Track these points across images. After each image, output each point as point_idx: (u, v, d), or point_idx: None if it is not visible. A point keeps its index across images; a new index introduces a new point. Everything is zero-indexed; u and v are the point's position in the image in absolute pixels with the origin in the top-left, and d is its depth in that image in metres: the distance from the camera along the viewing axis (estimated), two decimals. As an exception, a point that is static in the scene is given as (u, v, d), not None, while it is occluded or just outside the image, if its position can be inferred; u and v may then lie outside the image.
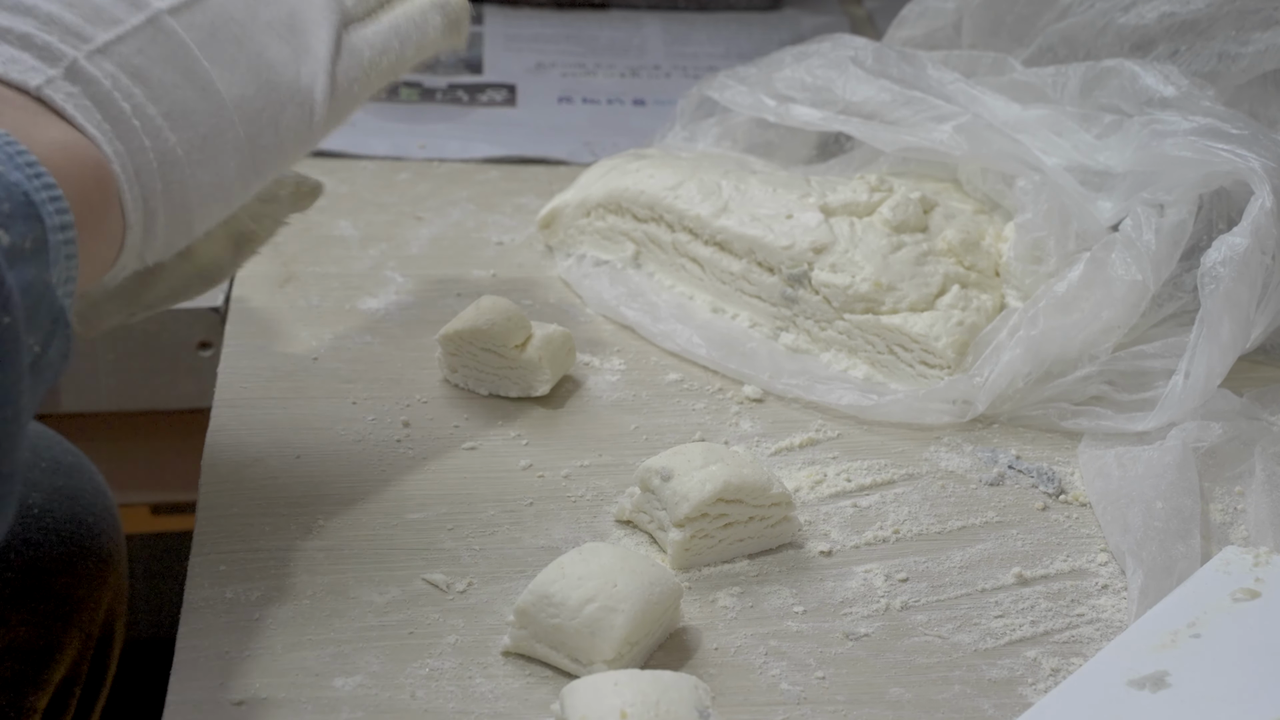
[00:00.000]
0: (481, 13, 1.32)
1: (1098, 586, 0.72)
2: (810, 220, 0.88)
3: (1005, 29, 0.99)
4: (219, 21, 0.63)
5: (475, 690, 0.64)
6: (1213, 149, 0.83)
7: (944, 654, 0.68)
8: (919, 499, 0.77)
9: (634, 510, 0.74)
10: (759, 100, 0.95)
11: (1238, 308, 0.79)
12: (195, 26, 0.62)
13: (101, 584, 0.89)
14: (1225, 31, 0.92)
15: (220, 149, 0.62)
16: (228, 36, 0.63)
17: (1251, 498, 0.77)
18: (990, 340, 0.83)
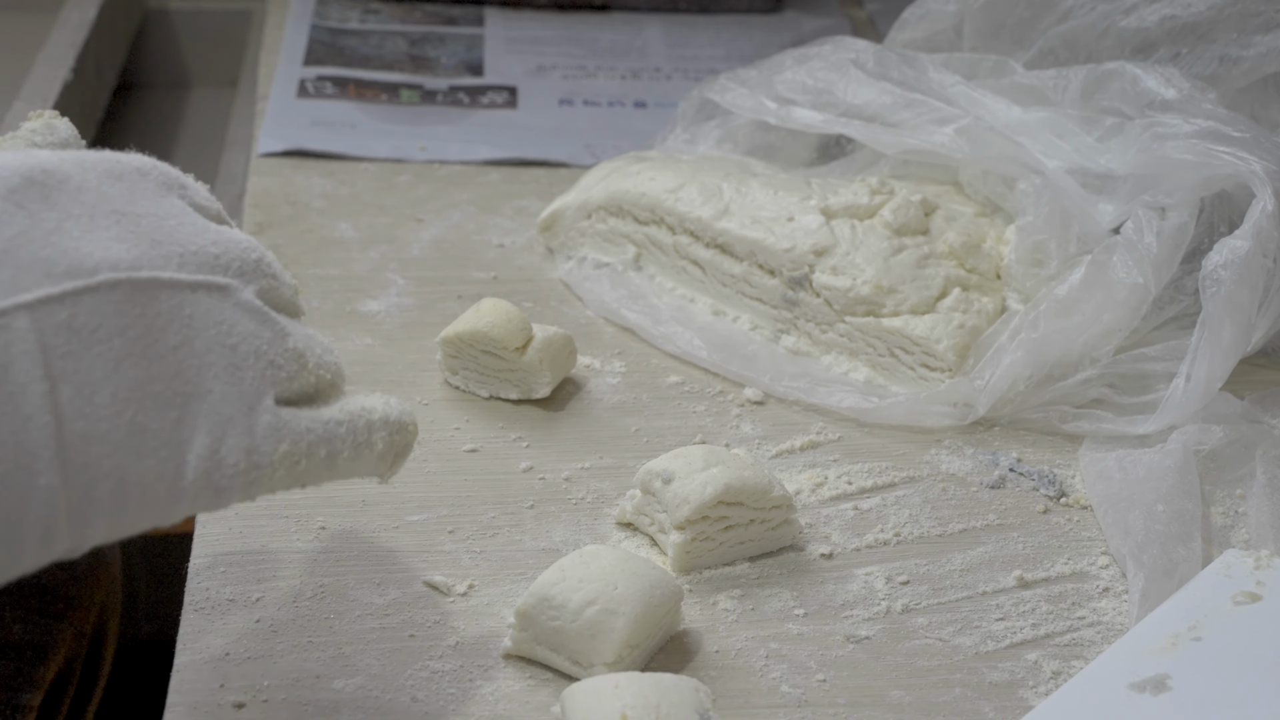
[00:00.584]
0: (483, 15, 1.32)
1: (1099, 589, 0.72)
2: (811, 223, 0.88)
3: (1006, 32, 0.99)
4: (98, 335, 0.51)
5: (476, 692, 0.64)
6: (1214, 152, 0.83)
7: (945, 657, 0.68)
8: (920, 502, 0.77)
9: (635, 513, 0.74)
10: (760, 103, 0.95)
11: (1239, 311, 0.79)
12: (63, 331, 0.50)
13: (94, 581, 0.89)
14: (1226, 34, 0.92)
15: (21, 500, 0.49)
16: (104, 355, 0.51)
17: (1252, 501, 0.77)
18: (991, 343, 0.83)
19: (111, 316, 0.51)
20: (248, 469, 0.54)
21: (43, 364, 0.49)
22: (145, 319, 0.52)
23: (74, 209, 0.52)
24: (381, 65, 1.22)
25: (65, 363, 0.50)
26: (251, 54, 1.41)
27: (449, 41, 1.27)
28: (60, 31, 1.24)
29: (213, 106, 1.44)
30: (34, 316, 0.49)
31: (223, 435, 0.53)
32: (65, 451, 0.49)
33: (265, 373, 0.55)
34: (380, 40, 1.26)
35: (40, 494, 0.49)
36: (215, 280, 0.54)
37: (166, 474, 0.52)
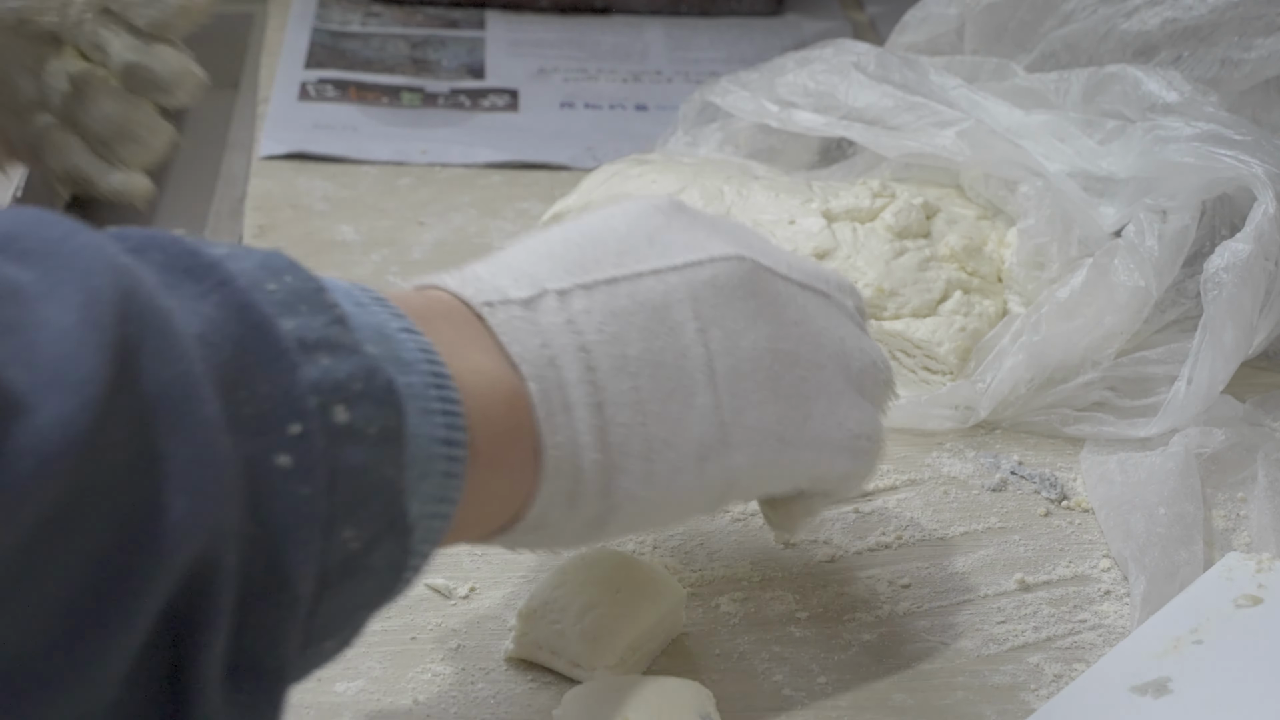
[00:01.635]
0: (484, 18, 1.32)
1: (1100, 592, 0.72)
2: (812, 226, 0.88)
3: (1007, 35, 0.99)
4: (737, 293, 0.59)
5: (477, 695, 0.64)
6: (1216, 155, 0.83)
7: (946, 660, 0.68)
8: (921, 504, 0.77)
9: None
10: (761, 105, 0.95)
11: (1241, 314, 0.79)
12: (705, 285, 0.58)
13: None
14: (1228, 37, 0.92)
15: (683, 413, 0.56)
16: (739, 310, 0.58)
17: (1254, 504, 0.77)
18: (993, 346, 0.83)
19: (743, 283, 0.59)
20: (858, 434, 0.62)
21: (694, 309, 0.57)
22: (768, 293, 0.59)
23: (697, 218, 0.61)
24: (383, 68, 1.22)
25: (712, 311, 0.57)
26: (252, 56, 1.41)
27: (450, 44, 1.27)
28: (61, 34, 1.24)
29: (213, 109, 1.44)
30: (682, 275, 0.58)
31: (836, 403, 0.61)
32: (716, 379, 0.57)
33: (865, 370, 0.63)
34: (381, 43, 1.26)
35: (699, 411, 0.56)
36: (819, 286, 0.62)
37: (797, 418, 0.59)
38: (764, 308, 0.59)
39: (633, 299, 0.56)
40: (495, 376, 0.53)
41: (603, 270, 0.56)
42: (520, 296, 0.55)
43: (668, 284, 0.57)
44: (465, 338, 0.53)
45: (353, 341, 0.48)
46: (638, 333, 0.56)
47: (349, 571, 0.46)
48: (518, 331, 0.54)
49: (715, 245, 0.59)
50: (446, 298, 0.55)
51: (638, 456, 0.55)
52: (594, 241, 0.58)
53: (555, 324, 0.54)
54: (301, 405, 0.45)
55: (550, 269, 0.56)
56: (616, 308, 0.56)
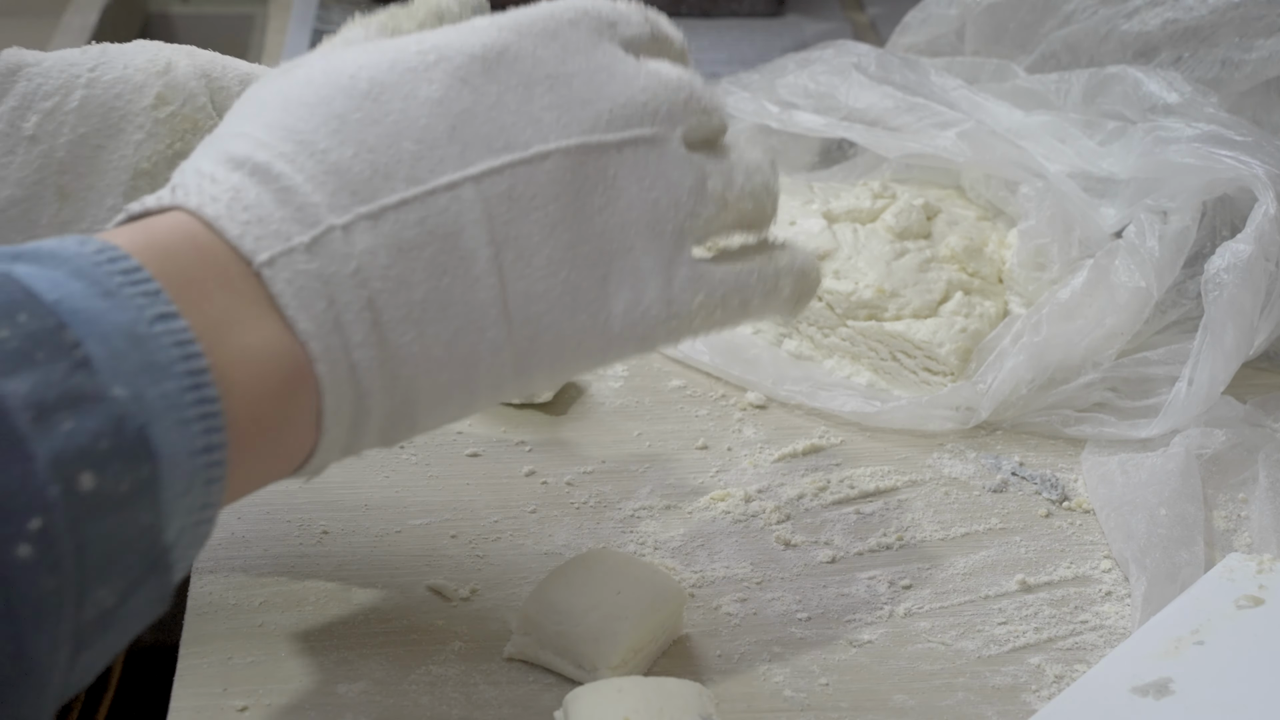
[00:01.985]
0: (484, 19, 1.32)
1: (1101, 593, 0.72)
2: (813, 227, 0.88)
3: (1008, 36, 0.99)
4: (535, 203, 0.54)
5: (479, 696, 0.64)
6: (1216, 155, 0.83)
7: (947, 661, 0.68)
8: (922, 506, 0.77)
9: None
10: (762, 107, 0.95)
11: (1241, 315, 0.79)
12: (505, 201, 0.54)
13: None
14: (1228, 38, 0.92)
15: (477, 351, 0.54)
16: (539, 221, 0.54)
17: (1255, 505, 0.77)
18: (993, 347, 0.83)
19: (545, 186, 0.55)
20: (667, 318, 0.57)
21: (488, 230, 0.54)
22: (574, 185, 0.55)
23: (512, 81, 0.55)
24: (383, 69, 1.22)
25: (507, 229, 0.54)
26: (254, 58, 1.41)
27: (451, 46, 1.27)
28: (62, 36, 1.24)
29: (215, 111, 1.44)
30: (479, 187, 0.54)
31: (643, 289, 0.57)
32: (509, 308, 0.54)
33: (685, 224, 0.57)
34: (382, 44, 1.26)
35: (489, 345, 0.54)
36: (641, 134, 0.57)
37: (596, 326, 0.56)
38: (566, 208, 0.55)
39: (422, 228, 0.52)
40: (270, 360, 0.50)
41: (392, 188, 0.52)
42: (302, 241, 0.51)
43: (461, 202, 0.53)
44: (240, 306, 0.50)
45: (97, 389, 0.45)
46: (425, 271, 0.52)
47: (106, 626, 0.45)
48: (303, 295, 0.50)
49: (523, 131, 0.55)
50: (219, 247, 0.50)
51: (423, 404, 0.54)
52: (389, 137, 0.53)
53: (341, 274, 0.51)
54: (41, 497, 0.43)
55: (336, 185, 0.52)
56: (403, 242, 0.52)
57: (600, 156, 0.56)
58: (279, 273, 0.50)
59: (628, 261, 0.56)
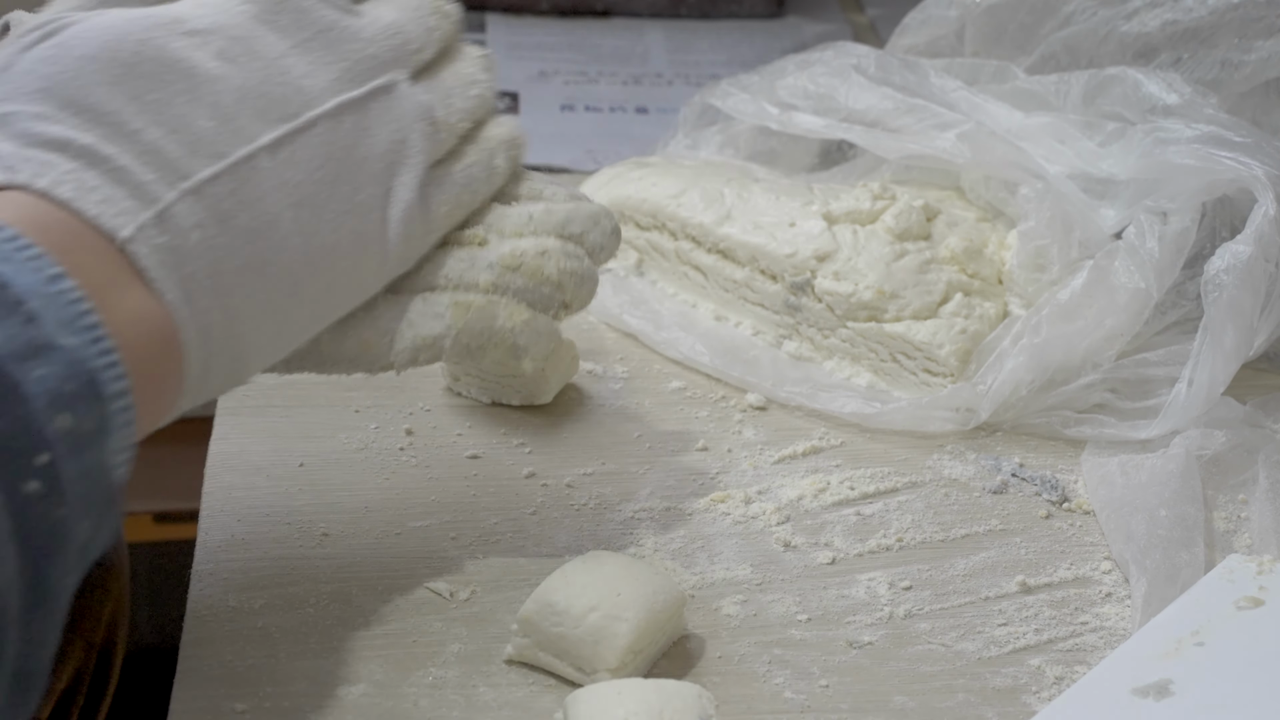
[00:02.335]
0: (484, 21, 1.32)
1: (1101, 595, 0.72)
2: (813, 228, 0.88)
3: (1007, 37, 0.99)
4: (315, 162, 0.60)
5: (479, 699, 0.64)
6: (1216, 157, 0.83)
7: (948, 662, 0.68)
8: (922, 507, 0.77)
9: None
10: (762, 108, 0.95)
11: (1241, 315, 0.79)
12: (292, 165, 0.59)
13: (104, 592, 0.89)
14: (1228, 39, 0.92)
15: (291, 301, 0.60)
16: (322, 178, 0.60)
17: (1255, 506, 0.77)
18: (993, 348, 0.83)
19: (320, 148, 0.60)
20: (425, 233, 0.64)
21: (285, 193, 0.59)
22: (341, 142, 0.61)
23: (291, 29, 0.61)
24: (383, 71, 1.22)
25: (299, 190, 0.59)
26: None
27: (450, 47, 1.27)
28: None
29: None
30: (273, 156, 0.59)
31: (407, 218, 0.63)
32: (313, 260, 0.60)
33: (424, 147, 0.64)
34: (382, 46, 1.26)
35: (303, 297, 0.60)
36: (379, 84, 0.63)
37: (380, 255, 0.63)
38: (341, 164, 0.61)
39: (234, 198, 0.57)
40: (144, 323, 0.54)
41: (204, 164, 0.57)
42: (149, 217, 0.55)
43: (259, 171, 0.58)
44: (113, 275, 0.54)
45: (48, 339, 0.49)
46: (242, 239, 0.57)
47: (85, 557, 0.50)
48: (164, 269, 0.55)
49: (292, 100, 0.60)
50: (79, 227, 0.54)
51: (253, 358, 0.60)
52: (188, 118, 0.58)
53: (187, 247, 0.56)
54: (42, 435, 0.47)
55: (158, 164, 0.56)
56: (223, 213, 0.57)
57: (354, 111, 0.62)
58: (140, 247, 0.54)
59: (394, 198, 0.63)
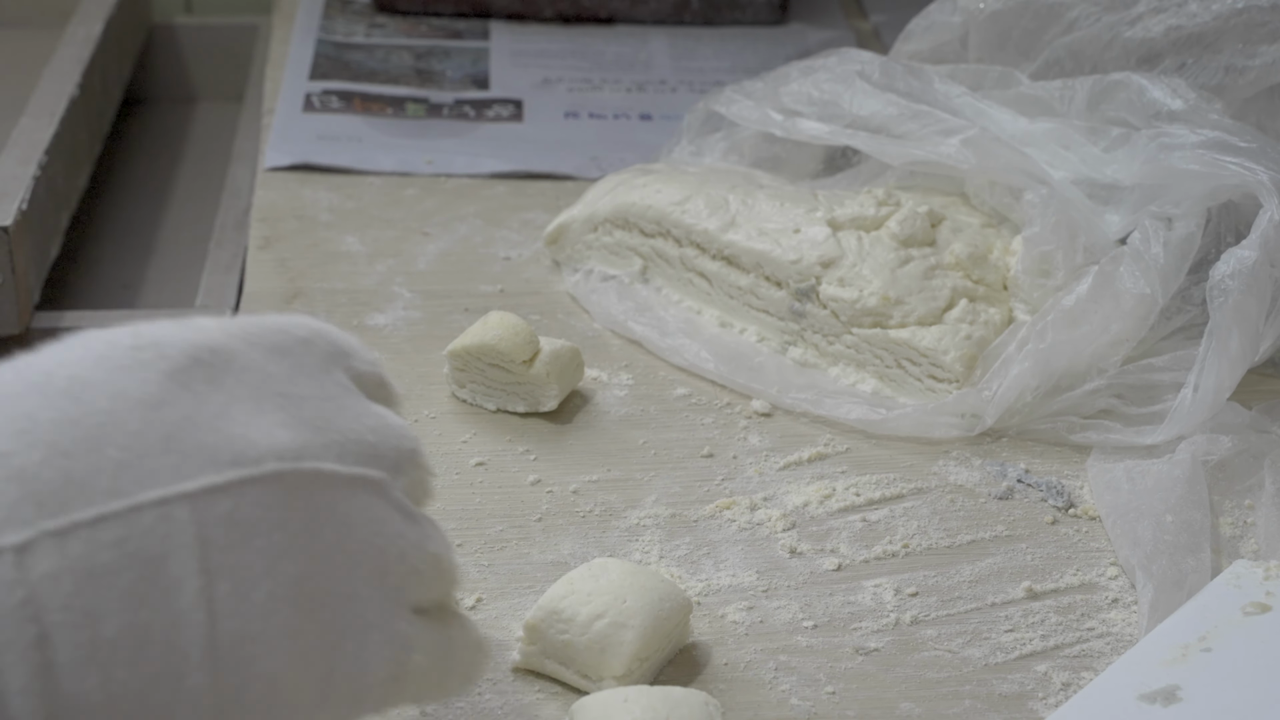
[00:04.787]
0: (488, 29, 1.32)
1: (1108, 600, 0.72)
2: (818, 234, 0.88)
3: (1011, 43, 0.99)
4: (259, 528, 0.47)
5: (484, 706, 0.64)
6: (1221, 162, 0.83)
7: (954, 669, 0.68)
8: (928, 513, 0.77)
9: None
10: (766, 115, 0.95)
11: (1246, 321, 0.79)
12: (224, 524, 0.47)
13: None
14: (1232, 45, 0.92)
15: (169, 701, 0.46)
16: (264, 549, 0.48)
17: (1261, 511, 0.77)
18: (999, 354, 0.83)
19: (274, 509, 0.48)
20: (385, 680, 0.51)
21: (199, 558, 0.46)
22: (305, 513, 0.49)
23: (239, 391, 0.50)
24: (387, 79, 1.22)
25: (224, 556, 0.47)
26: (257, 68, 1.41)
27: (454, 55, 1.27)
28: (66, 47, 1.24)
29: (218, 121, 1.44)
30: (195, 507, 0.46)
31: (365, 642, 0.50)
32: (217, 651, 0.46)
33: (408, 579, 0.52)
34: (386, 54, 1.26)
35: (188, 695, 0.46)
36: (370, 475, 0.51)
37: (314, 678, 0.49)
38: (297, 536, 0.48)
39: (120, 550, 0.45)
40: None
41: (90, 500, 0.45)
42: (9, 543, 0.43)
43: (171, 522, 0.46)
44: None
45: None
46: (120, 601, 0.45)
47: None
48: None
49: (254, 445, 0.48)
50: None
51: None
52: (89, 442, 0.46)
53: (6, 607, 0.43)
54: None
55: (19, 496, 0.44)
56: (96, 566, 0.44)
57: (332, 488, 0.50)
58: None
59: (352, 609, 0.50)
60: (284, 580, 0.48)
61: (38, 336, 1.04)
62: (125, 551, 0.45)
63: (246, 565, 0.47)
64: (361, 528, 0.50)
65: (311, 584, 0.49)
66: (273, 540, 0.48)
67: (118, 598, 0.45)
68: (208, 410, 0.48)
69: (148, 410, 0.47)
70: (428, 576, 0.53)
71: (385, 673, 0.51)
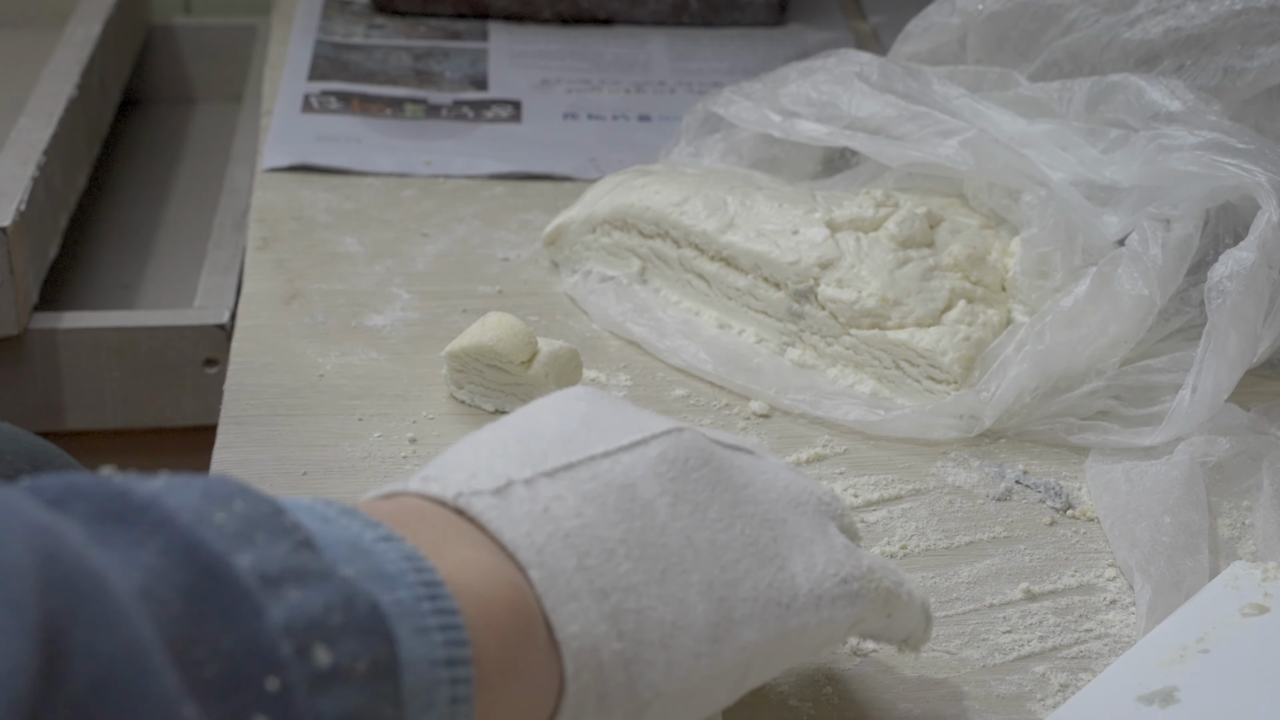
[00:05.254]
0: (487, 30, 1.32)
1: (1106, 602, 0.72)
2: (816, 235, 0.88)
3: (1010, 44, 0.99)
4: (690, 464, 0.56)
5: (483, 707, 0.64)
6: (1219, 163, 0.83)
7: (952, 670, 0.68)
8: (926, 514, 0.77)
9: None
10: (764, 116, 0.95)
11: (1244, 322, 0.79)
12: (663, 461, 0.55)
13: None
14: (1230, 46, 0.92)
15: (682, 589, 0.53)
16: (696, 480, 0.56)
17: (1259, 512, 0.77)
18: (997, 355, 0.83)
19: (691, 452, 0.56)
20: (844, 578, 0.57)
21: (658, 484, 0.54)
22: (714, 460, 0.57)
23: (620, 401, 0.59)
24: (386, 80, 1.22)
25: (675, 485, 0.55)
26: (256, 69, 1.42)
27: (453, 56, 1.27)
28: (65, 48, 1.24)
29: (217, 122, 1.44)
30: (633, 454, 0.55)
31: (812, 553, 0.57)
32: (700, 554, 0.54)
33: (821, 506, 0.59)
34: (385, 55, 1.26)
35: (697, 588, 0.53)
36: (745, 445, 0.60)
37: (785, 581, 0.56)
38: (715, 475, 0.56)
39: (597, 481, 0.53)
40: (491, 570, 0.48)
41: (556, 458, 0.53)
42: (489, 487, 0.51)
43: (624, 464, 0.54)
44: (448, 536, 0.49)
45: (324, 566, 0.43)
46: (614, 513, 0.52)
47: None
48: (502, 520, 0.50)
49: (648, 421, 0.57)
50: (413, 500, 0.51)
51: (655, 645, 0.51)
52: (531, 435, 0.55)
53: (533, 513, 0.51)
54: (274, 655, 0.39)
55: (504, 463, 0.52)
56: (585, 492, 0.52)
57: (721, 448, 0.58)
58: (473, 503, 0.50)
59: (787, 529, 0.57)
60: (725, 503, 0.56)
61: (36, 337, 1.04)
62: (601, 482, 0.53)
63: (693, 491, 0.55)
64: (759, 476, 0.58)
65: (746, 508, 0.56)
66: (703, 474, 0.56)
67: (612, 510, 0.52)
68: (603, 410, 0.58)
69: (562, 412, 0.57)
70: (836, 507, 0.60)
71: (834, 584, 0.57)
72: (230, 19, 1.52)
